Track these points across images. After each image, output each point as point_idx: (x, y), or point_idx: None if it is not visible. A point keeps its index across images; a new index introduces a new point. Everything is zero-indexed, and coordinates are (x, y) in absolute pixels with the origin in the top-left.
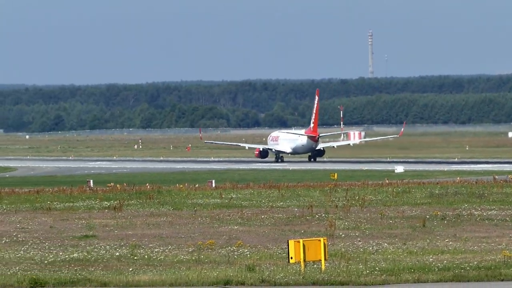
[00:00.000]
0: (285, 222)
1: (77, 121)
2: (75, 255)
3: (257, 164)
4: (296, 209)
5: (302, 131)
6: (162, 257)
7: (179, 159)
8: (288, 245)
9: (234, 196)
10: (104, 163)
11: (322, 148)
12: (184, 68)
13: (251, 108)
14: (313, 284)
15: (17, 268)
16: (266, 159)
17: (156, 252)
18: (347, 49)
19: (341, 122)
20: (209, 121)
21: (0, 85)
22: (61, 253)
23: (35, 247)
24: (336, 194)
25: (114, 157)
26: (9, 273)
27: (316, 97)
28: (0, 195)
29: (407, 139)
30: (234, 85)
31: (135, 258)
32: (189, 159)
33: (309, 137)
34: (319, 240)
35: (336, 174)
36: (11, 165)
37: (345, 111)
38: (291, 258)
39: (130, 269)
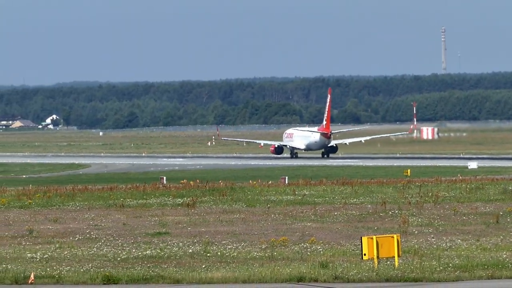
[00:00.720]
0: (358, 218)
1: (151, 118)
2: (148, 252)
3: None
4: (369, 206)
5: (315, 128)
6: (235, 254)
7: (252, 155)
8: (361, 242)
9: (307, 192)
10: (177, 160)
11: (335, 145)
12: (257, 64)
13: (324, 105)
14: (387, 280)
15: (90, 265)
16: (281, 155)
17: (229, 249)
18: (420, 45)
19: (414, 119)
20: (282, 118)
21: (74, 82)
22: (134, 250)
23: (108, 244)
24: (409, 191)
25: (187, 154)
26: (82, 270)
27: (329, 96)
28: (73, 192)
29: (481, 135)
30: (307, 82)
31: (208, 255)
32: (262, 155)
33: (321, 134)
34: (392, 237)
35: (409, 170)
36: (84, 162)
37: (418, 107)
38: (365, 254)
39: (203, 266)
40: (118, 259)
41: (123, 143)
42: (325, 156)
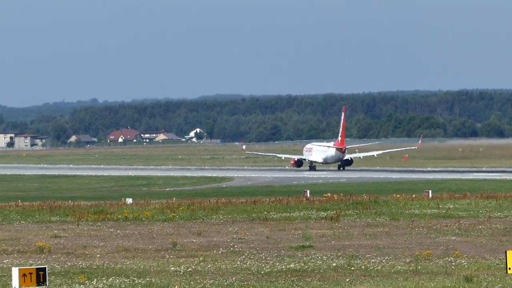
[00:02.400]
0: (503, 232)
1: (294, 131)
2: (291, 265)
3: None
4: None
5: (331, 144)
6: (379, 267)
7: (395, 169)
8: (506, 256)
9: (451, 206)
10: (320, 173)
11: (350, 158)
12: (400, 77)
13: (467, 118)
14: None
15: (233, 278)
16: (301, 167)
17: (373, 262)
18: None
19: None
20: (426, 131)
21: (218, 95)
22: (277, 264)
23: (251, 257)
24: None
25: (331, 167)
26: (225, 283)
27: (342, 114)
28: (217, 206)
29: None
30: (451, 95)
31: (352, 268)
32: (405, 169)
33: (337, 149)
34: None
35: None
36: (228, 175)
37: None
38: (509, 268)
39: (347, 280)
40: (262, 272)
41: (266, 156)
42: (341, 168)
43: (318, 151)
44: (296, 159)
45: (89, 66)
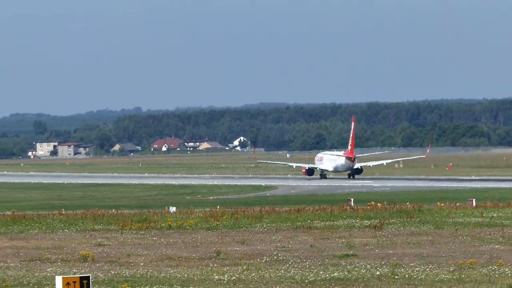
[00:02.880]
0: None
1: (338, 140)
2: (335, 274)
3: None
4: None
5: (341, 153)
6: (422, 276)
7: (440, 177)
8: None
9: (495, 215)
10: (364, 181)
11: (360, 167)
12: (444, 86)
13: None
14: None
15: (277, 287)
16: (312, 176)
17: (416, 271)
18: None
19: None
20: (470, 140)
21: (262, 104)
22: (321, 272)
23: (295, 266)
24: None
25: (375, 175)
26: None
27: (353, 124)
28: (261, 214)
29: None
30: (495, 103)
31: (396, 277)
32: (450, 177)
33: (346, 157)
34: None
35: None
36: (272, 183)
37: None
38: None
39: None
40: (306, 281)
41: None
42: (351, 177)
43: (329, 160)
44: (307, 168)
45: (133, 74)
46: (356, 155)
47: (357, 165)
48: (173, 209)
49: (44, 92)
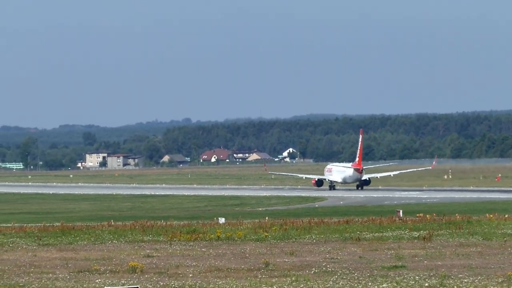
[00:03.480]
0: None
1: (387, 151)
2: (384, 285)
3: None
4: None
5: (350, 164)
6: (471, 287)
7: (488, 189)
8: None
9: None
10: (413, 193)
11: (368, 178)
12: (494, 97)
13: None
14: None
15: None
16: (321, 187)
17: (465, 282)
18: None
19: None
20: None
21: (311, 115)
22: (370, 284)
23: (344, 277)
24: None
25: (424, 187)
26: None
27: (360, 136)
28: (310, 225)
29: None
30: None
31: None
32: (499, 189)
33: (355, 169)
34: None
35: None
36: (321, 195)
37: None
38: None
39: None
40: None
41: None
42: (359, 188)
43: (338, 171)
44: (316, 179)
45: (183, 86)
46: (364, 167)
47: (365, 177)
48: (222, 220)
49: (94, 104)
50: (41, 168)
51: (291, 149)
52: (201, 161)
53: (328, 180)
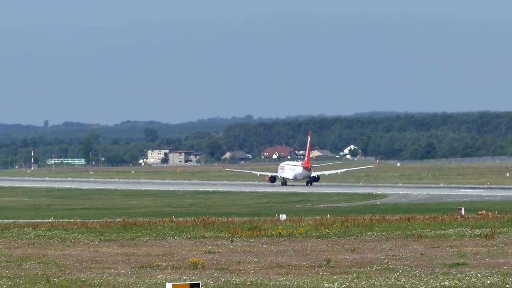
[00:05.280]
0: None
1: (449, 149)
2: (445, 283)
3: None
4: None
5: (300, 163)
6: None
7: None
8: None
9: None
10: (475, 190)
11: (316, 175)
12: None
13: None
14: None
15: None
16: (275, 183)
17: None
18: None
19: None
20: None
21: (373, 112)
22: (431, 281)
23: (405, 274)
24: None
25: (486, 185)
26: None
27: (309, 138)
28: (371, 222)
29: None
30: None
31: (507, 286)
32: None
33: (304, 167)
34: None
35: None
36: (382, 192)
37: None
38: None
39: None
40: None
41: (420, 174)
42: (309, 184)
43: (289, 169)
44: (270, 176)
45: (244, 82)
46: (312, 166)
47: (314, 174)
48: (283, 217)
49: (156, 100)
50: (103, 164)
51: (352, 146)
52: (263, 158)
53: (281, 177)
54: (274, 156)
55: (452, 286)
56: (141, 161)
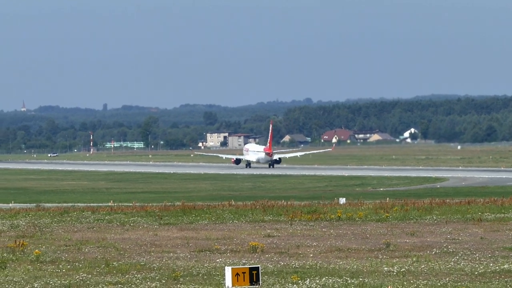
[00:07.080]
0: None
1: (510, 132)
2: (505, 266)
3: None
4: None
5: (262, 148)
6: None
7: None
8: None
9: None
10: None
11: (278, 158)
12: None
13: None
14: None
15: (447, 279)
16: (239, 165)
17: None
18: None
19: None
20: None
21: (433, 95)
22: (491, 264)
23: (465, 258)
24: None
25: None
26: (439, 284)
27: (271, 126)
28: (431, 206)
29: None
30: None
31: None
32: None
33: (266, 153)
34: None
35: None
36: (442, 175)
37: None
38: None
39: None
40: (476, 273)
41: (481, 157)
42: (271, 166)
43: (253, 152)
44: (235, 158)
45: (304, 66)
46: (273, 151)
47: (276, 157)
48: (342, 200)
49: (215, 84)
50: (162, 147)
51: (413, 130)
52: (322, 141)
53: (245, 159)
54: (334, 140)
55: (511, 269)
56: (200, 144)
